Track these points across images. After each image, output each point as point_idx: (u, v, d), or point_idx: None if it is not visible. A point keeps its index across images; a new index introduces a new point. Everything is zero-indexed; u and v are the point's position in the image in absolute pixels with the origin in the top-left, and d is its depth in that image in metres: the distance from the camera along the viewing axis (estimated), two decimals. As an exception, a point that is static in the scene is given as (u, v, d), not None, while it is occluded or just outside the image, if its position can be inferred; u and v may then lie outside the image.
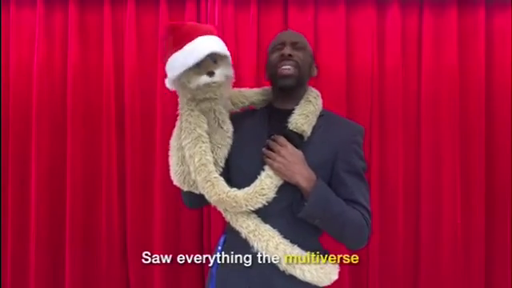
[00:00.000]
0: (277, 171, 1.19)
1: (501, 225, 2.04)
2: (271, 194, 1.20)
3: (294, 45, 1.29)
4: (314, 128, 1.26)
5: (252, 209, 1.20)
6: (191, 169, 1.23)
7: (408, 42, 2.03)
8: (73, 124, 2.00)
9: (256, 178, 1.22)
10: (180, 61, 1.20)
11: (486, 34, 2.02)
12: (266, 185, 1.19)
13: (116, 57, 2.02)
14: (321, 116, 1.30)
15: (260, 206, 1.20)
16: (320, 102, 1.32)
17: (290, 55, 1.27)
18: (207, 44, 1.19)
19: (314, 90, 1.35)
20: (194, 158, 1.22)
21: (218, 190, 1.20)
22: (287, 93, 1.30)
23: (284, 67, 1.27)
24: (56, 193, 2.03)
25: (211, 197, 1.22)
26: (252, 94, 1.38)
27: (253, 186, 1.21)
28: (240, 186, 1.23)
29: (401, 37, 2.01)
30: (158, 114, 2.00)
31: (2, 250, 2.05)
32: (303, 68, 1.28)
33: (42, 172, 2.00)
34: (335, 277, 1.27)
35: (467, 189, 2.02)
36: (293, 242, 1.21)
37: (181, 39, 1.21)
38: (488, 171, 2.03)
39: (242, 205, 1.19)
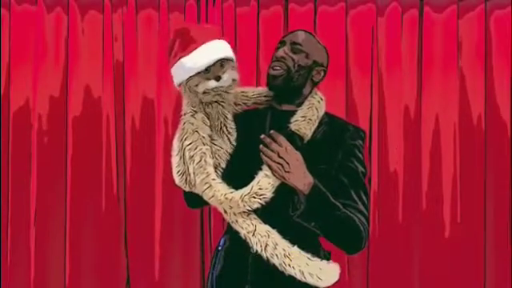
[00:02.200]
0: (274, 172, 1.19)
1: (501, 225, 2.04)
2: (269, 194, 1.19)
3: (292, 45, 1.25)
4: (315, 131, 1.25)
5: (250, 209, 1.20)
6: (190, 170, 1.24)
7: (408, 41, 2.03)
8: (73, 124, 2.00)
9: (254, 178, 1.22)
10: (188, 66, 1.20)
11: (486, 33, 2.02)
12: (263, 185, 1.19)
13: (116, 57, 2.02)
14: (323, 119, 1.29)
15: (258, 206, 1.20)
16: (323, 106, 1.30)
17: (282, 57, 1.24)
18: (216, 49, 1.20)
19: (319, 93, 1.32)
20: (194, 159, 1.23)
21: (215, 192, 1.21)
22: (278, 94, 1.30)
23: (274, 68, 1.25)
24: (56, 193, 2.03)
25: (209, 198, 1.23)
26: (255, 94, 1.37)
27: (250, 186, 1.21)
28: (239, 186, 1.23)
29: (401, 37, 2.01)
30: (159, 114, 2.00)
31: (1, 250, 2.05)
32: (294, 71, 1.24)
33: (42, 172, 2.00)
34: (336, 278, 1.26)
35: (467, 189, 2.02)
36: (292, 242, 1.21)
37: (188, 44, 1.21)
38: (488, 171, 2.03)
39: (239, 206, 1.19)
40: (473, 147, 2.02)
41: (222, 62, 1.21)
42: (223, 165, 1.28)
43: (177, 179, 1.31)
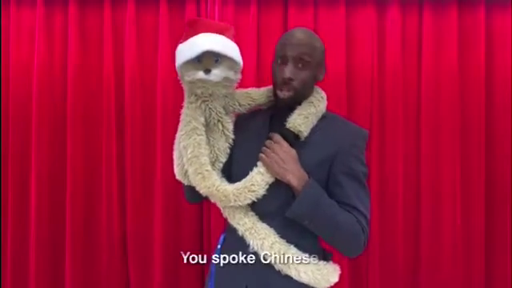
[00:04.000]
0: (268, 167, 1.19)
1: (501, 225, 2.04)
2: (261, 191, 1.19)
3: (297, 61, 1.22)
4: (314, 129, 1.25)
5: (241, 204, 1.20)
6: (184, 160, 1.24)
7: (408, 42, 2.03)
8: (73, 124, 2.00)
9: None
10: (181, 52, 1.23)
11: (486, 33, 2.02)
12: (256, 181, 1.19)
13: (116, 57, 2.02)
14: (323, 118, 1.28)
15: (249, 202, 1.20)
16: (323, 104, 1.29)
17: (290, 79, 1.22)
18: (206, 41, 1.19)
19: (320, 90, 1.32)
20: (187, 149, 1.23)
21: (208, 183, 1.21)
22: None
23: (281, 90, 1.24)
24: (56, 193, 2.03)
25: (201, 189, 1.23)
26: (258, 95, 1.37)
27: (243, 181, 1.21)
28: (237, 182, 1.23)
29: (401, 37, 2.01)
30: (158, 113, 2.00)
31: (2, 250, 2.05)
32: (301, 89, 1.24)
33: (42, 172, 2.00)
34: (335, 279, 1.25)
35: (467, 189, 2.02)
36: (290, 241, 1.21)
37: (190, 32, 1.23)
38: (488, 171, 2.03)
39: (230, 199, 1.19)
40: (473, 147, 2.02)
41: (217, 58, 1.21)
42: (222, 159, 1.29)
43: (176, 172, 1.32)
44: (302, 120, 1.23)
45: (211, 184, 1.21)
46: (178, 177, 1.32)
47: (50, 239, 2.03)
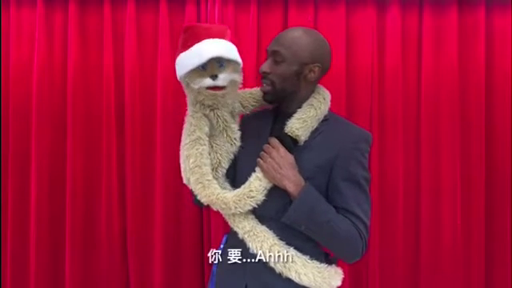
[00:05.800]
0: (265, 173, 1.18)
1: (501, 225, 2.04)
2: (260, 197, 1.18)
3: (273, 56, 1.25)
4: (315, 132, 1.23)
5: (242, 211, 1.20)
6: (186, 169, 1.24)
7: (408, 42, 2.03)
8: (73, 124, 2.00)
9: None
10: (185, 61, 1.21)
11: (486, 33, 2.02)
12: (254, 187, 1.18)
13: (116, 57, 2.02)
14: (325, 120, 1.26)
15: (249, 208, 1.19)
16: (325, 106, 1.27)
17: (264, 72, 1.25)
18: (212, 47, 1.19)
19: (322, 91, 1.30)
20: (190, 159, 1.23)
21: (208, 192, 1.21)
22: (273, 103, 1.31)
23: (262, 83, 1.28)
24: (56, 193, 2.03)
25: (202, 198, 1.23)
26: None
27: (242, 187, 1.20)
28: (240, 186, 1.23)
29: (401, 37, 2.01)
30: (158, 113, 2.00)
31: (2, 250, 2.05)
32: (280, 84, 1.24)
33: (42, 171, 2.00)
34: (337, 283, 1.23)
35: (467, 189, 2.02)
36: (290, 244, 1.20)
37: (190, 39, 1.22)
38: (488, 171, 2.03)
39: (231, 207, 1.19)
40: (473, 147, 2.02)
41: (221, 62, 1.21)
42: (225, 164, 1.29)
43: (183, 177, 1.32)
44: (300, 124, 1.21)
45: (211, 193, 1.21)
46: (185, 182, 1.32)
47: (50, 239, 2.03)
